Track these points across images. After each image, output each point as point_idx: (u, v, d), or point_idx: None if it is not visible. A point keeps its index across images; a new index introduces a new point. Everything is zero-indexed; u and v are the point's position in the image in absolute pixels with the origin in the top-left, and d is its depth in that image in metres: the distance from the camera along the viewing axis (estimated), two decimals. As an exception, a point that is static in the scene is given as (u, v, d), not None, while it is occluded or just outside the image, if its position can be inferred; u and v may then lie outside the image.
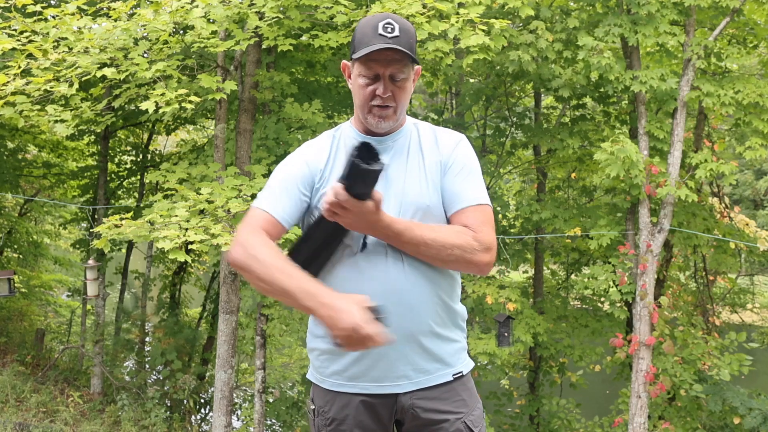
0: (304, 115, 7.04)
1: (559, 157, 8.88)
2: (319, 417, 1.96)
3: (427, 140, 1.93)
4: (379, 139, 1.89)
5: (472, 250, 1.78)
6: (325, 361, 1.91)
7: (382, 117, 1.83)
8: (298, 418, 9.06)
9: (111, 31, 5.24)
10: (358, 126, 1.92)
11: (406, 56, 1.77)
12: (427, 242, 1.75)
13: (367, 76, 1.80)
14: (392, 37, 1.76)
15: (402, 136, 1.92)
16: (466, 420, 1.91)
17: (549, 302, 9.15)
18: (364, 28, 1.80)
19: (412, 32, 1.81)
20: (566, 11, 8.02)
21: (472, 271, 1.83)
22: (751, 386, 8.49)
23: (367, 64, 1.78)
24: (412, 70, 1.84)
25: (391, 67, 1.78)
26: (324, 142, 1.93)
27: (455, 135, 1.96)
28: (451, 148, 1.91)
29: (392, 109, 1.83)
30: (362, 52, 1.76)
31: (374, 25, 1.78)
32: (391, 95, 1.81)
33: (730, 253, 8.75)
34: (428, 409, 1.89)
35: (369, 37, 1.77)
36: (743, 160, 11.44)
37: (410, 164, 1.88)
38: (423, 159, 1.90)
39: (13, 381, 8.54)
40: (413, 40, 1.81)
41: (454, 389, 1.92)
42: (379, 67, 1.78)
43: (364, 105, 1.83)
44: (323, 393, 1.95)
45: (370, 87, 1.81)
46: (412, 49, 1.80)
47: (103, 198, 9.56)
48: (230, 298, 6.89)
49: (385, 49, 1.75)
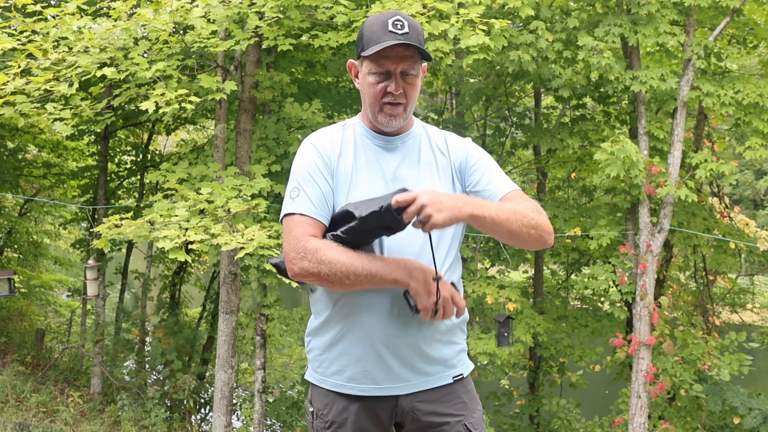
0: (304, 115, 7.04)
1: (559, 157, 8.88)
2: (318, 420, 1.94)
3: (438, 142, 1.93)
4: (389, 139, 1.88)
5: (545, 221, 1.81)
6: (324, 361, 1.90)
7: (393, 115, 1.82)
8: (298, 418, 9.06)
9: (111, 30, 5.24)
10: (367, 123, 1.91)
11: (417, 52, 1.77)
12: (510, 221, 1.73)
13: (378, 74, 1.79)
14: (403, 33, 1.75)
15: (411, 137, 1.91)
16: (466, 422, 1.91)
17: (549, 302, 9.15)
18: (373, 26, 1.79)
19: (420, 29, 1.81)
20: (566, 11, 8.02)
21: (544, 243, 1.81)
22: (751, 386, 8.49)
23: (378, 62, 1.77)
24: (421, 68, 1.84)
25: (402, 64, 1.78)
26: (334, 132, 1.91)
27: (462, 138, 1.98)
28: (464, 151, 1.92)
29: (402, 107, 1.82)
30: (374, 48, 1.75)
31: (383, 22, 1.77)
32: (402, 92, 1.80)
33: (730, 253, 8.75)
34: (428, 412, 1.88)
35: (379, 34, 1.76)
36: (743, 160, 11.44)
37: (422, 165, 1.88)
38: (435, 160, 1.90)
39: (13, 381, 8.54)
40: (422, 37, 1.81)
41: (454, 392, 1.92)
42: (391, 64, 1.78)
43: (375, 103, 1.82)
44: (322, 395, 1.93)
45: (381, 84, 1.80)
46: (422, 46, 1.80)
47: (103, 198, 9.56)
48: (230, 298, 6.89)
49: (396, 45, 1.74)
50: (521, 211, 1.74)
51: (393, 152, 1.88)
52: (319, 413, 1.94)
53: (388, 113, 1.82)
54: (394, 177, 1.85)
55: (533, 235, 1.76)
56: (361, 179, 1.84)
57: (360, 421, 1.89)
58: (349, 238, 1.71)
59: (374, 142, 1.89)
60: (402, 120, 1.84)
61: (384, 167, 1.86)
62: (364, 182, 1.83)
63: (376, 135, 1.89)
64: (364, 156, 1.87)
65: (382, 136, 1.88)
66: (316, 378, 1.95)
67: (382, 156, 1.87)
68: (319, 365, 1.92)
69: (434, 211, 1.57)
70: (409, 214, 1.59)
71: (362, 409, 1.88)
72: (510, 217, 1.71)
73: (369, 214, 1.66)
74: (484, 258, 9.20)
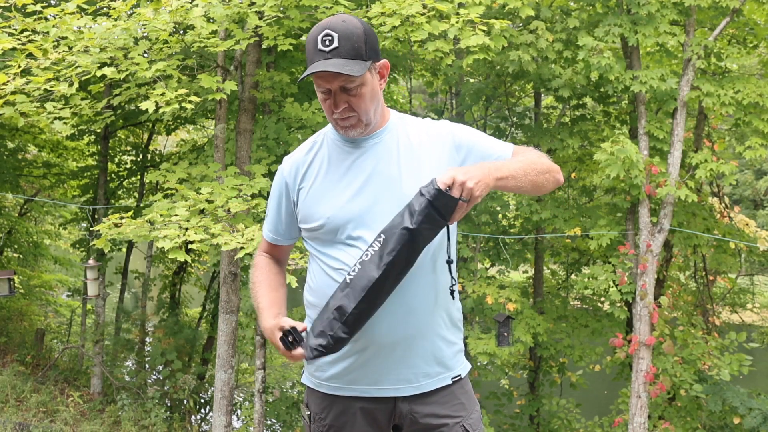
0: (304, 115, 7.04)
1: (559, 157, 8.87)
2: (315, 423, 1.93)
3: (418, 133, 1.90)
4: (359, 141, 1.86)
5: (551, 162, 1.90)
6: (322, 364, 1.88)
7: (348, 127, 1.81)
8: (297, 418, 9.05)
9: (111, 30, 5.23)
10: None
11: (348, 67, 1.70)
12: (528, 174, 1.80)
13: (322, 92, 1.78)
14: (331, 50, 1.70)
15: (388, 132, 1.88)
16: (464, 424, 1.90)
17: (549, 302, 9.15)
18: (308, 44, 1.76)
19: (357, 34, 1.73)
20: (566, 11, 8.02)
21: (557, 182, 1.89)
22: (751, 386, 8.49)
23: (316, 82, 1.75)
24: (373, 69, 1.79)
25: (336, 81, 1.73)
26: (301, 152, 1.95)
27: (439, 122, 1.95)
28: (448, 132, 1.90)
29: (355, 118, 1.79)
30: (306, 72, 1.73)
31: (314, 40, 1.73)
32: (347, 106, 1.77)
33: (730, 253, 8.75)
34: (427, 414, 1.87)
35: (311, 54, 1.74)
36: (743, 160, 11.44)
37: (403, 158, 1.85)
38: (419, 149, 1.86)
39: (13, 381, 8.53)
40: (360, 43, 1.73)
41: (452, 393, 1.90)
42: (326, 83, 1.74)
43: (329, 118, 1.82)
44: (320, 398, 1.91)
45: (328, 101, 1.78)
46: (359, 53, 1.72)
47: (103, 198, 9.56)
48: (230, 298, 6.89)
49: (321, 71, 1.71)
50: (531, 160, 1.82)
51: (367, 152, 1.86)
52: (316, 417, 1.92)
53: (342, 126, 1.81)
54: (372, 175, 1.83)
55: (549, 178, 1.85)
56: (337, 188, 1.85)
57: (358, 425, 1.88)
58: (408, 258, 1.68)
59: (346, 147, 1.88)
60: (360, 128, 1.82)
61: (361, 169, 1.84)
62: (339, 189, 1.84)
63: (346, 139, 1.87)
64: (337, 163, 1.87)
65: (353, 138, 1.87)
66: (313, 382, 1.94)
67: (357, 158, 1.86)
68: (316, 369, 1.91)
69: (473, 185, 1.60)
70: (456, 191, 1.59)
71: (361, 413, 1.87)
72: (526, 169, 1.79)
73: (423, 218, 1.62)
74: (484, 258, 9.20)
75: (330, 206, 1.83)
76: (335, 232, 1.83)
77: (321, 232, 1.85)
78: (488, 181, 1.64)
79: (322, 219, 1.83)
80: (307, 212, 1.87)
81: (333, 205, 1.82)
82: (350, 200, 1.82)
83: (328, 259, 1.85)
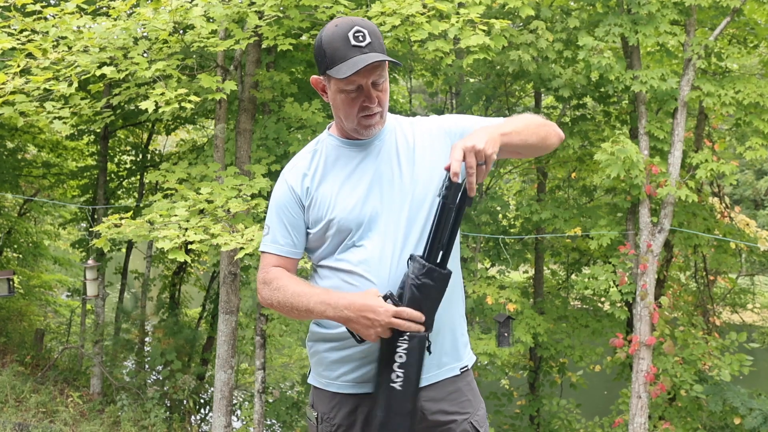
0: (304, 115, 7.03)
1: (559, 157, 8.87)
2: (324, 423, 1.90)
3: (412, 132, 1.93)
4: (363, 143, 1.87)
5: (545, 119, 1.92)
6: (331, 364, 1.87)
7: (371, 125, 1.82)
8: (297, 418, 9.05)
9: (110, 30, 5.23)
10: (339, 134, 1.90)
11: (384, 61, 1.73)
12: (530, 132, 1.83)
13: (350, 90, 1.76)
14: (367, 44, 1.72)
15: (387, 133, 1.90)
16: (471, 420, 1.91)
17: (549, 302, 9.14)
18: (333, 42, 1.73)
19: (378, 31, 1.78)
20: (566, 11, 8.01)
21: (559, 135, 1.92)
22: (752, 386, 8.47)
23: (348, 79, 1.73)
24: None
25: (372, 75, 1.75)
26: (306, 157, 1.92)
27: (428, 117, 2.00)
28: (436, 127, 1.94)
29: (379, 114, 1.81)
30: (343, 68, 1.71)
31: (343, 36, 1.72)
32: (377, 102, 1.79)
33: (731, 253, 8.74)
34: (435, 411, 1.88)
35: (343, 51, 1.72)
36: (744, 160, 11.42)
37: (402, 157, 1.88)
38: (415, 146, 1.90)
39: (13, 381, 8.53)
40: (381, 39, 1.78)
41: (460, 390, 1.92)
42: (361, 79, 1.74)
43: (351, 119, 1.80)
44: (328, 398, 1.90)
45: (355, 100, 1.78)
46: (384, 48, 1.78)
47: (102, 198, 9.55)
48: (230, 298, 6.88)
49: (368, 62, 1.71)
50: (527, 117, 1.87)
51: (370, 154, 1.87)
52: (324, 417, 1.90)
53: (365, 125, 1.81)
54: (375, 176, 1.85)
55: (550, 131, 1.88)
56: (344, 191, 1.84)
57: (368, 423, 1.86)
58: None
59: (350, 151, 1.88)
60: (380, 126, 1.84)
61: (365, 171, 1.85)
62: (346, 192, 1.84)
63: (350, 143, 1.88)
64: (341, 169, 1.87)
65: (356, 141, 1.87)
66: (321, 382, 1.92)
67: (361, 161, 1.87)
68: (325, 369, 1.90)
69: (483, 145, 1.63)
70: (470, 158, 1.62)
71: (371, 411, 1.85)
72: (527, 123, 1.83)
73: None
74: (484, 258, 9.20)
75: (341, 208, 1.83)
76: (347, 232, 1.83)
77: (331, 233, 1.84)
78: (495, 137, 1.68)
79: (334, 219, 1.83)
80: (317, 215, 1.86)
81: (344, 206, 1.82)
82: (362, 201, 1.83)
83: (337, 263, 1.85)
